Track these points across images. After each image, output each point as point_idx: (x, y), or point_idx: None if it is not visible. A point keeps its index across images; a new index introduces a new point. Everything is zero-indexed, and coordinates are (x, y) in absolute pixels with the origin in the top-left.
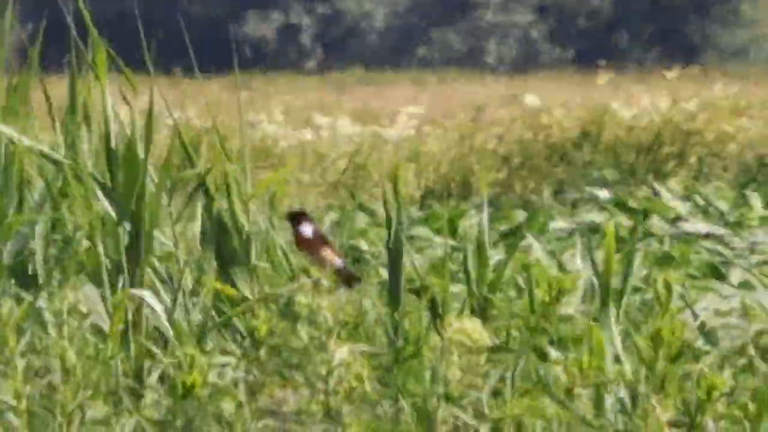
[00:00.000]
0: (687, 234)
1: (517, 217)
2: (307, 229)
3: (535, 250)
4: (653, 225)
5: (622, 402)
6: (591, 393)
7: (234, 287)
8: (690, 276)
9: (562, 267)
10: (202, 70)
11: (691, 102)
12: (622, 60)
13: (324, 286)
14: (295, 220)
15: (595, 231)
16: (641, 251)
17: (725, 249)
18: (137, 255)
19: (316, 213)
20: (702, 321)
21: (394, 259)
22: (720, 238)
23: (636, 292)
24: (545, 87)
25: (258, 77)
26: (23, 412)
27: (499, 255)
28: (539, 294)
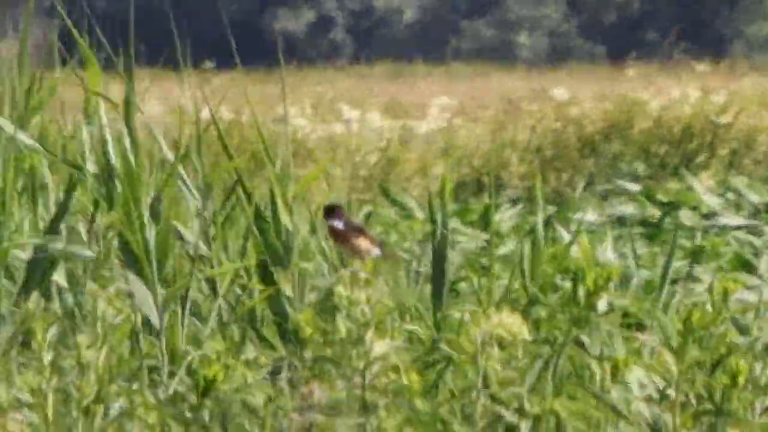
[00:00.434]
0: (718, 226)
1: (549, 210)
2: (339, 222)
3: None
4: (684, 217)
5: (652, 395)
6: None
7: (274, 285)
8: (721, 269)
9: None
10: (233, 65)
11: (721, 94)
12: (651, 53)
13: (361, 277)
14: (329, 214)
15: (625, 223)
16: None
17: (756, 241)
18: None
19: (347, 207)
20: (733, 314)
21: (438, 257)
22: (751, 230)
23: (672, 284)
24: (575, 80)
25: (289, 71)
26: (43, 407)
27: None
28: (583, 286)
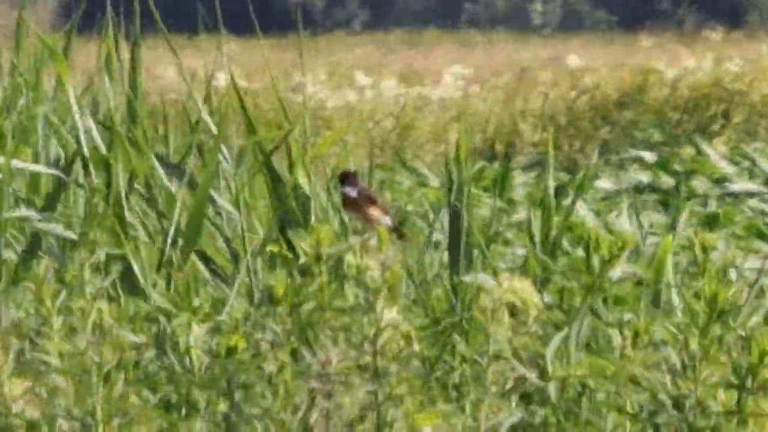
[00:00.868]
0: (731, 194)
1: (562, 178)
2: (352, 189)
3: (581, 210)
4: (698, 185)
5: (674, 365)
6: (644, 355)
7: (292, 250)
8: (735, 236)
9: (608, 227)
10: (249, 32)
11: (735, 62)
12: (665, 22)
13: (372, 245)
14: (343, 181)
15: (640, 191)
16: (686, 211)
17: None
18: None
19: (361, 173)
20: (747, 280)
21: (454, 220)
22: (764, 197)
23: (683, 250)
24: (589, 48)
25: (305, 39)
26: (66, 371)
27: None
28: (598, 254)
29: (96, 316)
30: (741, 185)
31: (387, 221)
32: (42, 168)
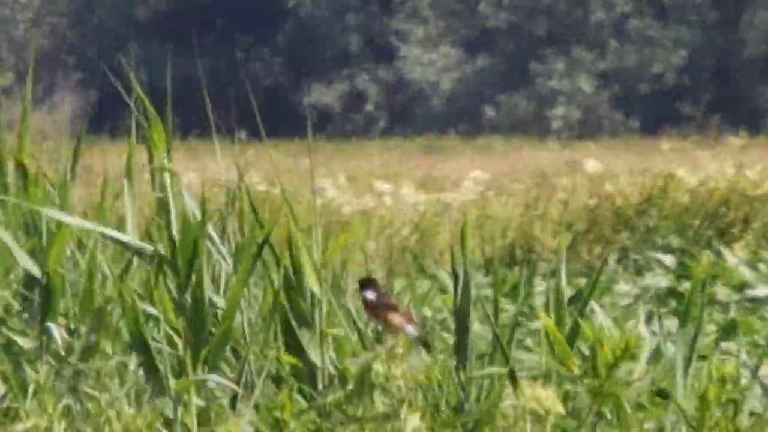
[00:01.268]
0: (751, 300)
1: (581, 284)
2: (372, 295)
3: (599, 316)
4: (718, 291)
5: None
6: None
7: (301, 355)
8: (754, 344)
9: (625, 334)
10: (267, 137)
11: (756, 168)
12: (686, 127)
13: (397, 353)
14: (363, 287)
15: (659, 298)
16: (706, 318)
17: None
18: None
19: (381, 281)
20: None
21: (461, 319)
22: None
23: (702, 359)
24: (609, 153)
25: (323, 144)
26: None
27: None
28: (603, 356)
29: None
30: (761, 291)
31: (411, 329)
32: None
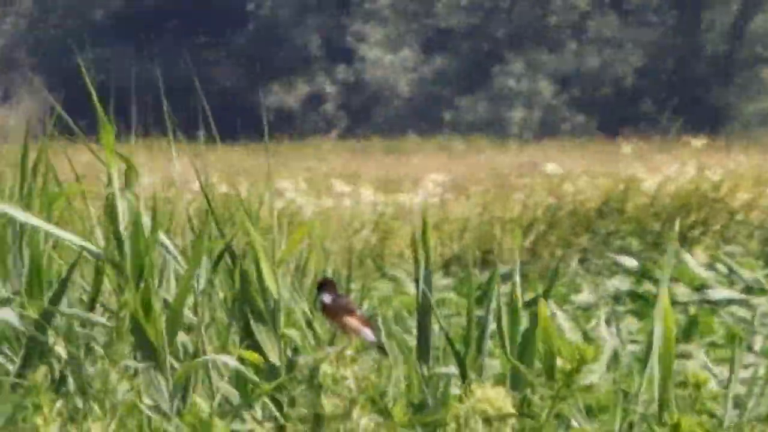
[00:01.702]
0: (711, 301)
1: (540, 287)
2: (328, 297)
3: (559, 319)
4: (678, 292)
5: None
6: None
7: (261, 354)
8: (713, 344)
9: (587, 336)
10: (227, 138)
11: (716, 171)
12: (645, 129)
13: (348, 355)
14: (320, 287)
15: (619, 299)
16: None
17: (749, 315)
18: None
19: (340, 282)
20: (727, 391)
21: (423, 317)
22: (744, 304)
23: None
24: (569, 155)
25: (282, 145)
26: None
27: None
28: (561, 363)
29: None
30: (720, 293)
31: (367, 333)
32: None
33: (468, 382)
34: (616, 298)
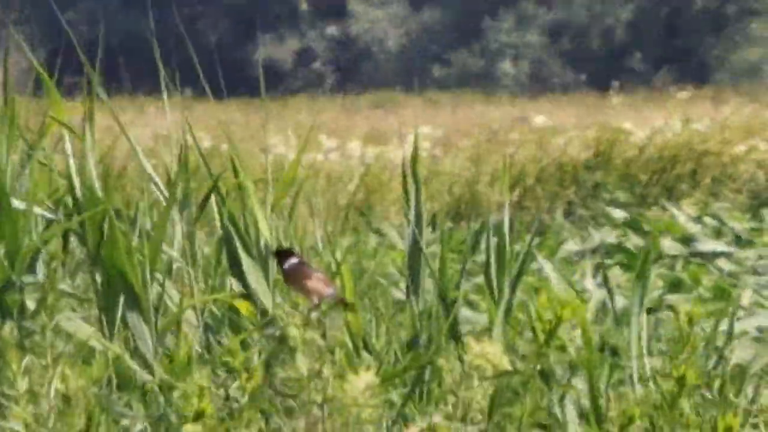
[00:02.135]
0: (698, 254)
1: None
2: (288, 265)
3: (547, 271)
4: (666, 246)
5: None
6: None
7: (253, 301)
8: (701, 298)
9: (573, 288)
10: (216, 93)
11: (704, 122)
12: (634, 81)
13: (312, 317)
14: (280, 257)
15: (607, 252)
16: (653, 273)
17: (737, 268)
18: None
19: (330, 236)
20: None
21: (413, 263)
22: (731, 257)
23: (649, 313)
24: (558, 108)
25: (271, 101)
26: None
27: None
28: (544, 319)
29: (59, 381)
30: (707, 245)
31: (330, 292)
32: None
33: (458, 335)
34: (603, 250)
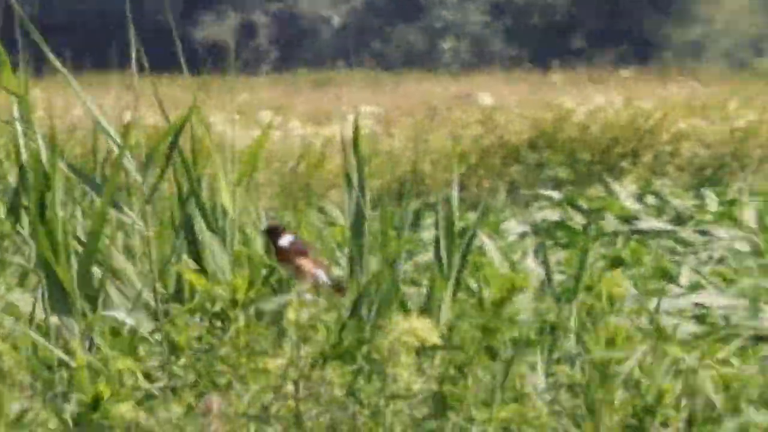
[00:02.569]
0: (639, 231)
1: (471, 218)
2: (284, 241)
3: (489, 250)
4: (606, 223)
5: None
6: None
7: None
8: (641, 276)
9: (514, 266)
10: (159, 69)
11: (646, 101)
12: (577, 59)
13: (306, 299)
14: (271, 233)
15: (547, 230)
16: (593, 250)
17: (678, 246)
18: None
19: (270, 214)
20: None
21: (356, 240)
22: (672, 235)
23: (588, 291)
24: (500, 86)
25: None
26: None
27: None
28: (490, 293)
29: None
30: (649, 223)
31: (321, 275)
32: None
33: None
34: (544, 229)
